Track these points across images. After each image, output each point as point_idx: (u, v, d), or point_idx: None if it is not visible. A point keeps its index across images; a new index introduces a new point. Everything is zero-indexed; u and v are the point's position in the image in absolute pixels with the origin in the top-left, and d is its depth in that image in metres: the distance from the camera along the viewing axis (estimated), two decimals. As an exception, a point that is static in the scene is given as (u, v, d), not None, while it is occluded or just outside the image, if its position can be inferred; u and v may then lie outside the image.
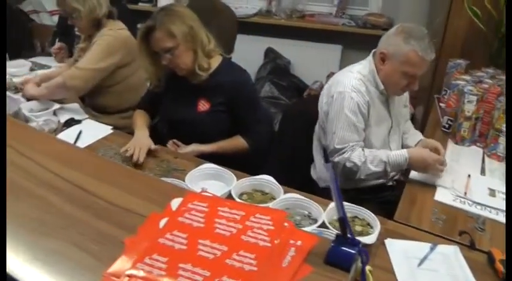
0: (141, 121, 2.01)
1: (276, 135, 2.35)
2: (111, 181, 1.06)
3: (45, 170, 1.08)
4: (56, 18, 3.60)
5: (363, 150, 1.81)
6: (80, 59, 2.35)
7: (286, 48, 3.94)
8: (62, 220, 0.92)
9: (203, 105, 1.91)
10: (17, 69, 2.71)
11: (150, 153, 1.80)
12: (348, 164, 1.79)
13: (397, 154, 1.78)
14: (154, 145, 1.82)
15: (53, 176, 1.05)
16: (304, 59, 3.94)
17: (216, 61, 1.92)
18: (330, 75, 3.73)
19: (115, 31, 2.30)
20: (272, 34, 3.92)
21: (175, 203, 0.96)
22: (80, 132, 2.01)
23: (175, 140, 1.94)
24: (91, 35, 2.35)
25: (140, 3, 4.05)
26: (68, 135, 1.97)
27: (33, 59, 2.95)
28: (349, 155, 1.79)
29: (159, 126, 2.15)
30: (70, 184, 1.02)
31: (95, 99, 2.42)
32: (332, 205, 1.40)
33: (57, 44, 3.02)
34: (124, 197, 0.99)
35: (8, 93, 2.38)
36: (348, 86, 1.81)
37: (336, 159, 1.81)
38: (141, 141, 1.81)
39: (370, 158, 1.78)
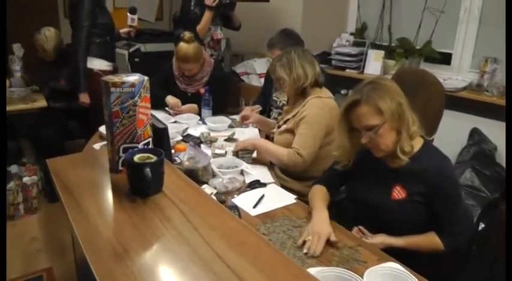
0: (321, 200, 1.82)
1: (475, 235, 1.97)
2: (274, 278, 0.91)
3: (209, 248, 0.99)
4: (263, 80, 3.81)
5: None
6: (280, 118, 2.47)
7: (494, 131, 3.34)
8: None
9: (398, 193, 1.67)
10: (217, 125, 2.88)
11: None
12: None
13: None
14: (334, 236, 1.61)
15: (214, 256, 0.96)
16: (513, 147, 3.32)
17: (417, 144, 1.68)
18: (539, 172, 3.06)
19: (321, 100, 2.27)
20: (480, 113, 3.41)
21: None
22: (262, 197, 1.97)
23: (361, 227, 1.73)
24: (296, 100, 2.38)
25: (347, 70, 4.02)
26: (249, 197, 1.96)
27: (234, 116, 3.10)
28: None
29: (345, 205, 1.96)
30: (228, 270, 0.91)
31: None
32: None
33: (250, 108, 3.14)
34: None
35: (203, 146, 2.50)
36: None
37: None
38: (321, 228, 1.63)
39: None
